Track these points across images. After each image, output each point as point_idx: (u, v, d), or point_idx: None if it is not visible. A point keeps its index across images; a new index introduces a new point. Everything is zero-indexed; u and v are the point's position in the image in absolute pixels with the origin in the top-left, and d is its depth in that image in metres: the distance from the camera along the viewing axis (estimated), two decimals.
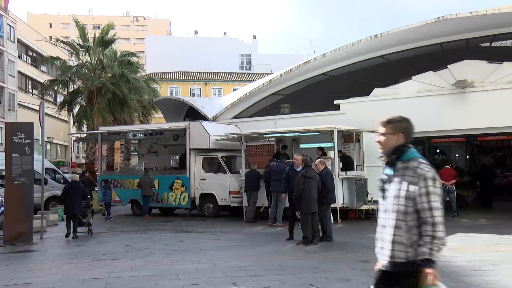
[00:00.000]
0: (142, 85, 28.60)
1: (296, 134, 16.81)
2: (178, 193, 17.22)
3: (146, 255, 9.75)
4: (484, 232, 12.12)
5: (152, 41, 58.69)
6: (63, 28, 72.59)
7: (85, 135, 24.98)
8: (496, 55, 16.23)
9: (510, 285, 6.77)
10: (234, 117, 20.53)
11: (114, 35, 28.66)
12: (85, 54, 26.87)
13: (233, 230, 13.60)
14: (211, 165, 17.09)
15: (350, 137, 16.02)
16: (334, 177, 11.88)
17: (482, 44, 17.24)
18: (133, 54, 30.51)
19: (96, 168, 23.11)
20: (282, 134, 17.05)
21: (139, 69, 30.95)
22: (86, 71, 26.52)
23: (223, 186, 16.55)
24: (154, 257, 9.45)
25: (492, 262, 8.27)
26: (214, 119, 20.47)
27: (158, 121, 29.05)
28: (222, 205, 16.75)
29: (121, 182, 18.55)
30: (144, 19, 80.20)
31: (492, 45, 17.13)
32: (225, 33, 66.36)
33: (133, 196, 18.11)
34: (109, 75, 26.36)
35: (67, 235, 12.65)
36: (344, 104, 17.68)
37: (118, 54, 29.02)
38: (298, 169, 11.24)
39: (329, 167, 12.37)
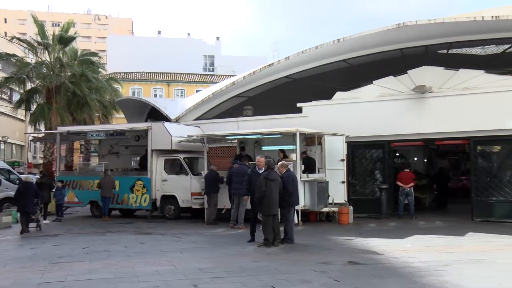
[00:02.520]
0: (103, 84, 28.04)
1: (259, 136, 16.85)
2: (139, 194, 17.01)
3: (105, 257, 9.56)
4: (439, 234, 12.50)
5: (114, 40, 57.74)
6: (20, 24, 70.45)
7: (43, 135, 24.30)
8: (453, 62, 16.73)
9: (462, 283, 7.00)
10: (197, 119, 20.42)
11: (75, 33, 27.99)
12: (43, 52, 26.10)
13: (194, 232, 13.51)
14: (173, 167, 16.97)
15: (312, 139, 16.18)
16: (297, 179, 11.91)
17: (439, 51, 17.76)
18: (95, 54, 29.86)
19: (54, 169, 22.51)
20: (245, 136, 17.06)
21: (100, 69, 30.33)
22: (45, 69, 25.79)
23: (185, 188, 16.44)
24: (113, 259, 9.28)
25: (446, 263, 8.53)
26: (177, 120, 20.30)
27: (120, 122, 28.56)
28: (183, 206, 16.64)
29: (80, 183, 18.19)
30: (106, 18, 78.83)
31: (449, 52, 17.68)
32: (188, 34, 66.06)
33: (93, 197, 17.79)
34: (69, 74, 25.72)
35: (21, 232, 13.34)
36: (307, 107, 17.84)
37: (79, 52, 28.35)
38: (261, 171, 11.26)
39: (292, 169, 12.45)
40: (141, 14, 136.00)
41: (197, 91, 38.32)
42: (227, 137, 17.64)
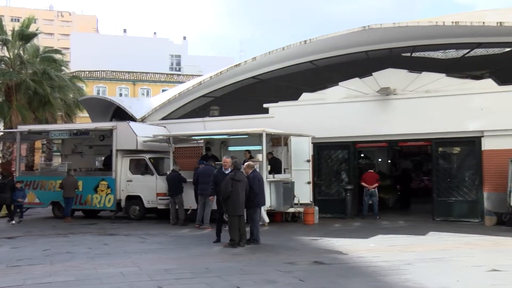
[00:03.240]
0: (66, 83, 27.38)
1: (225, 136, 16.82)
2: (103, 195, 16.74)
3: (67, 259, 9.35)
4: (402, 234, 12.78)
5: (78, 38, 56.61)
6: None
7: (2, 133, 23.59)
8: (416, 65, 17.10)
9: (423, 281, 7.17)
10: (163, 119, 20.21)
11: (37, 29, 27.25)
12: (1, 48, 25.27)
13: (159, 232, 13.37)
14: (138, 167, 16.78)
15: (278, 140, 16.25)
16: (263, 180, 11.93)
17: (403, 54, 18.11)
18: (58, 51, 29.13)
19: (13, 169, 21.86)
20: (211, 137, 17.00)
21: (63, 67, 29.62)
22: (3, 66, 24.99)
23: (150, 188, 16.27)
24: (75, 261, 9.08)
25: (408, 262, 8.72)
26: (142, 120, 20.04)
27: (84, 121, 27.98)
28: (148, 207, 16.46)
29: (42, 183, 17.74)
30: (70, 15, 77.06)
31: (412, 55, 18.06)
32: (155, 33, 65.27)
33: (55, 198, 17.38)
34: (30, 72, 25.02)
35: None
36: (273, 107, 17.93)
37: (41, 50, 27.61)
38: (227, 172, 11.24)
39: (258, 170, 12.47)
40: (106, 12, 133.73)
41: (163, 90, 37.95)
42: (193, 137, 17.53)
